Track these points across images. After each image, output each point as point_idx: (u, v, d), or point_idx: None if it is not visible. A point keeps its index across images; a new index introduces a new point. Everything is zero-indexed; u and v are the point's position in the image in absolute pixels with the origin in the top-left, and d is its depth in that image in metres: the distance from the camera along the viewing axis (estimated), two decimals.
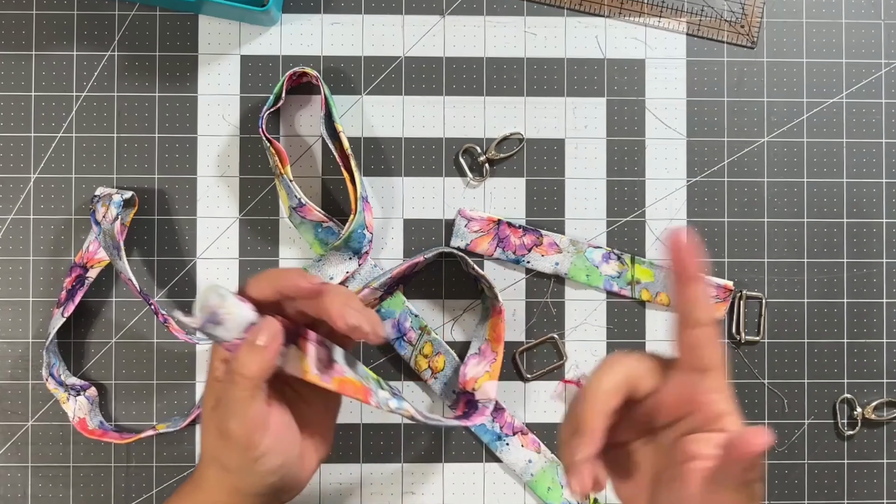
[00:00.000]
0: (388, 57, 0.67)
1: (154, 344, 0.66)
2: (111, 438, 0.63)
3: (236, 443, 0.48)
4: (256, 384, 0.47)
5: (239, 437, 0.48)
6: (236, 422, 0.48)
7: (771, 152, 0.67)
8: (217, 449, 0.50)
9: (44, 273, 0.66)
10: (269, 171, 0.67)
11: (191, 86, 0.67)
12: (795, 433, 0.67)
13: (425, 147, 0.67)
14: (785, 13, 0.68)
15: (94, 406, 0.65)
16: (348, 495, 0.66)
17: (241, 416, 0.48)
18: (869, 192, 0.67)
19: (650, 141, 0.67)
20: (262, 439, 0.48)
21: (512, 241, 0.62)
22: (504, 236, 0.61)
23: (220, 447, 0.49)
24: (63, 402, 0.64)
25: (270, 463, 0.49)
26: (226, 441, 0.48)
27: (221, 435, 0.49)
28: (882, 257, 0.67)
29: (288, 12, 0.67)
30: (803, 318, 0.67)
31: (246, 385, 0.47)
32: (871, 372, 0.67)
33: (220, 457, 0.50)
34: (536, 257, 0.63)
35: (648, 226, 0.67)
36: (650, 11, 0.67)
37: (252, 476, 0.49)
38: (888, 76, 0.68)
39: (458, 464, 0.66)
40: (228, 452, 0.49)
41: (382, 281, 0.62)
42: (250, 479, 0.50)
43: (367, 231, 0.63)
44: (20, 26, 0.66)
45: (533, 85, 0.67)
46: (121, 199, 0.63)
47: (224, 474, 0.50)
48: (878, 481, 0.67)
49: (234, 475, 0.50)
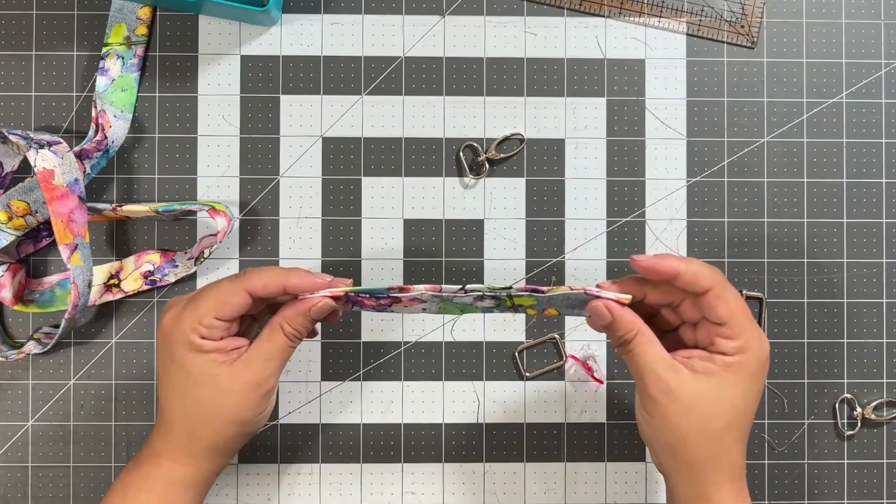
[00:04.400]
0: (388, 57, 0.67)
1: (154, 344, 0.66)
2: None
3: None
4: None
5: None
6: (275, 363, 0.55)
7: (771, 152, 0.67)
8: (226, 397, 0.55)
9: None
10: (269, 171, 0.67)
11: (191, 86, 0.67)
12: (795, 433, 0.67)
13: (425, 147, 0.67)
14: (785, 13, 0.68)
15: (64, 161, 0.61)
16: (348, 495, 0.66)
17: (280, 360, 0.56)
18: (869, 192, 0.67)
19: (650, 141, 0.67)
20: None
21: (366, 304, 0.59)
22: (357, 301, 0.58)
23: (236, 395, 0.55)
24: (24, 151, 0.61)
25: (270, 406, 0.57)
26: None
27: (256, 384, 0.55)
28: (882, 257, 0.67)
29: (288, 12, 0.67)
30: (803, 318, 0.67)
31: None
32: (871, 372, 0.67)
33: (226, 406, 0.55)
34: (400, 308, 0.57)
35: (648, 226, 0.67)
36: (650, 11, 0.67)
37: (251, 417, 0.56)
38: (888, 76, 0.68)
39: (458, 464, 0.66)
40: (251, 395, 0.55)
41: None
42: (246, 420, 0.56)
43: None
44: (20, 26, 0.66)
45: (533, 85, 0.67)
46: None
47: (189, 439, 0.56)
48: (878, 481, 0.67)
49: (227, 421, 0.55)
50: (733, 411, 0.53)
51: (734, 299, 0.53)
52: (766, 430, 0.67)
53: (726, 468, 0.54)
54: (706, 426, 0.53)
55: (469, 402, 0.67)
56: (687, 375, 0.53)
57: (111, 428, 0.66)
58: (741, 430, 0.54)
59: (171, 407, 0.56)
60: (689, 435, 0.53)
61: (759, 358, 0.53)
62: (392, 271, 0.66)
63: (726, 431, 0.53)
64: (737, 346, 0.52)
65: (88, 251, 0.61)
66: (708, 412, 0.53)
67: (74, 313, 0.62)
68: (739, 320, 0.53)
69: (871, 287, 0.67)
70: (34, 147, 0.60)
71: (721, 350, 0.53)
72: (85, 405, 0.66)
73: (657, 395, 0.53)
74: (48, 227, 0.65)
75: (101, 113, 0.65)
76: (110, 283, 0.65)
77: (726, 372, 0.53)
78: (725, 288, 0.53)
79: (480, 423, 0.67)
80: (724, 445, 0.53)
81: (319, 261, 0.66)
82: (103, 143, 0.64)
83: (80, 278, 0.61)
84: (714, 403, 0.53)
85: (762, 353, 0.53)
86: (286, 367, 0.62)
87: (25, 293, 0.65)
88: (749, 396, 0.53)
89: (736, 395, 0.53)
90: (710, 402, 0.53)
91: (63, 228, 0.60)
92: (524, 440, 0.67)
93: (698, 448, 0.53)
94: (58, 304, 0.65)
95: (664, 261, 0.53)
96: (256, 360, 0.54)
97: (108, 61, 0.66)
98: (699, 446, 0.53)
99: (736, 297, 0.53)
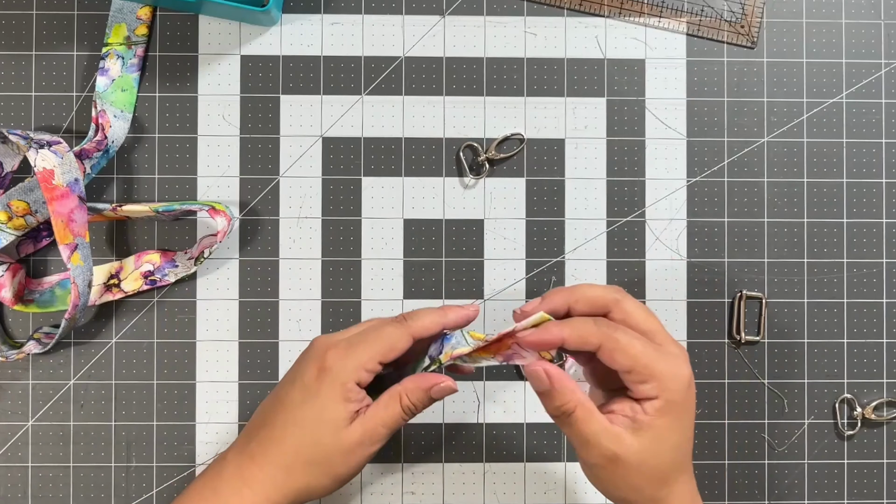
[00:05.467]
0: (388, 57, 0.67)
1: (154, 344, 0.66)
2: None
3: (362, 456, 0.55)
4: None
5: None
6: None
7: (771, 152, 0.67)
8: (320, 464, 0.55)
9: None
10: (269, 171, 0.67)
11: (191, 86, 0.67)
12: (795, 433, 0.67)
13: (425, 147, 0.67)
14: (785, 13, 0.68)
15: (64, 161, 0.61)
16: (348, 495, 0.66)
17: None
18: (869, 192, 0.67)
19: (650, 141, 0.67)
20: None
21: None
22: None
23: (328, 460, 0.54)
24: (24, 151, 0.60)
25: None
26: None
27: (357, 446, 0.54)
28: (882, 257, 0.67)
29: (288, 12, 0.67)
30: (803, 318, 0.67)
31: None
32: (871, 372, 0.67)
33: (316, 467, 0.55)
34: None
35: (648, 226, 0.67)
36: (650, 11, 0.67)
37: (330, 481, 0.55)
38: (888, 76, 0.68)
39: (458, 464, 0.66)
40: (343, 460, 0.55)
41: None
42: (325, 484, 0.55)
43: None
44: (20, 26, 0.66)
45: (533, 85, 0.67)
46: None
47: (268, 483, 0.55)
48: (878, 481, 0.67)
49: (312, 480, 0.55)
50: (677, 450, 0.53)
51: (630, 343, 0.51)
52: (766, 430, 0.67)
53: (678, 498, 0.54)
54: (656, 474, 0.53)
55: (469, 402, 0.67)
56: (629, 440, 0.52)
57: (111, 428, 0.66)
58: (687, 459, 0.54)
59: (282, 438, 0.54)
60: (642, 485, 0.53)
61: (679, 389, 0.52)
62: (392, 271, 0.66)
63: (675, 469, 0.53)
64: (653, 387, 0.51)
65: (88, 251, 0.61)
66: (656, 463, 0.52)
67: (74, 313, 0.62)
68: (644, 362, 0.51)
69: (871, 287, 0.67)
70: (34, 147, 0.60)
71: (643, 395, 0.52)
72: (85, 405, 0.66)
73: (603, 463, 0.52)
74: (48, 227, 0.65)
75: (101, 113, 0.65)
76: (110, 283, 0.65)
77: (660, 418, 0.52)
78: (617, 335, 0.51)
79: (480, 423, 0.67)
80: (673, 481, 0.53)
81: (319, 261, 0.66)
82: (103, 143, 0.64)
83: (80, 278, 0.61)
84: (658, 455, 0.52)
85: (682, 381, 0.52)
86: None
87: (25, 293, 0.65)
88: (684, 429, 0.53)
89: (675, 435, 0.52)
90: (655, 454, 0.52)
91: (63, 228, 0.60)
92: (524, 440, 0.67)
93: (651, 492, 0.53)
94: (58, 304, 0.65)
95: (547, 334, 0.51)
96: (371, 423, 0.54)
97: (108, 61, 0.66)
98: (652, 492, 0.53)
99: (632, 340, 0.51)
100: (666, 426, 0.52)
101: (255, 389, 0.66)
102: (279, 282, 0.66)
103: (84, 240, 0.61)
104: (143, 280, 0.65)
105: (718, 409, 0.67)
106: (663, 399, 0.51)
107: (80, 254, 0.60)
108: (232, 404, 0.66)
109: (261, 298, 0.66)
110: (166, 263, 0.65)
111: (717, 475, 0.67)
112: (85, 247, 0.61)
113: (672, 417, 0.52)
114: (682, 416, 0.52)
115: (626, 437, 0.52)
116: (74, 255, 0.60)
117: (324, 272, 0.66)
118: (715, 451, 0.67)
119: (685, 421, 0.53)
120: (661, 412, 0.51)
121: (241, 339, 0.66)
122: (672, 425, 0.52)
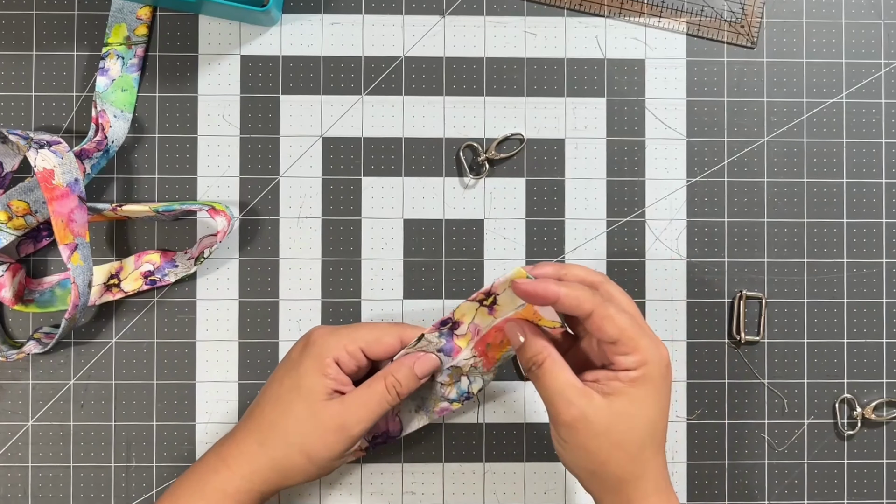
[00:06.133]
0: (388, 57, 0.67)
1: (154, 344, 0.66)
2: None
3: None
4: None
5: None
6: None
7: (771, 152, 0.67)
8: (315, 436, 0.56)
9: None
10: (269, 171, 0.67)
11: (191, 86, 0.67)
12: (795, 433, 0.67)
13: (425, 147, 0.67)
14: (785, 13, 0.68)
15: (64, 161, 0.61)
16: (348, 495, 0.66)
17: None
18: (869, 192, 0.67)
19: (650, 141, 0.67)
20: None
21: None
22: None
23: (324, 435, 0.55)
24: (24, 150, 0.60)
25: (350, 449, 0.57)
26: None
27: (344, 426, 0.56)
28: (882, 257, 0.67)
29: (288, 12, 0.67)
30: (803, 318, 0.67)
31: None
32: (871, 372, 0.67)
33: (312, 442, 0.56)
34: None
35: (648, 226, 0.67)
36: (650, 11, 0.67)
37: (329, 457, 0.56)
38: (888, 76, 0.68)
39: (458, 464, 0.66)
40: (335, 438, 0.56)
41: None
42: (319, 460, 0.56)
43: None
44: (20, 26, 0.66)
45: (533, 85, 0.67)
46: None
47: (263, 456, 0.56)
48: (878, 481, 0.67)
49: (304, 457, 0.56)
50: (648, 425, 0.53)
51: (619, 315, 0.52)
52: (766, 430, 0.67)
53: (651, 482, 0.54)
54: (625, 446, 0.52)
55: (469, 402, 0.67)
56: (599, 400, 0.52)
57: (111, 428, 0.66)
58: (659, 442, 0.54)
59: (260, 413, 0.57)
60: (610, 457, 0.53)
61: (659, 366, 0.53)
62: (392, 271, 0.66)
63: (645, 446, 0.53)
64: (636, 360, 0.52)
65: (88, 251, 0.61)
66: (624, 431, 0.52)
67: (74, 313, 0.62)
68: (630, 334, 0.52)
69: (871, 287, 0.67)
70: (34, 147, 0.60)
71: (623, 367, 0.52)
72: (85, 405, 0.66)
73: (571, 421, 0.52)
74: (48, 227, 0.65)
75: (101, 113, 0.65)
76: (110, 283, 0.65)
77: (634, 388, 0.52)
78: (608, 306, 0.52)
79: (480, 423, 0.67)
80: (645, 460, 0.53)
81: (319, 261, 0.66)
82: (103, 143, 0.64)
83: (80, 278, 0.61)
84: (629, 421, 0.52)
85: (662, 360, 0.53)
86: None
87: (25, 293, 0.65)
88: (660, 406, 0.53)
89: (648, 409, 0.53)
90: (624, 422, 0.52)
91: (63, 228, 0.60)
92: (524, 440, 0.67)
93: (620, 468, 0.53)
94: (58, 304, 0.65)
95: (544, 285, 0.52)
96: (352, 403, 0.55)
97: (108, 61, 0.66)
98: (620, 467, 0.53)
99: (621, 313, 0.52)
100: (640, 397, 0.52)
101: (255, 389, 0.66)
102: (279, 282, 0.66)
103: (84, 240, 0.61)
104: (143, 280, 0.65)
105: (718, 409, 0.67)
106: (641, 371, 0.52)
107: (80, 254, 0.60)
108: (232, 404, 0.66)
109: (261, 298, 0.66)
110: (166, 263, 0.65)
111: (717, 475, 0.67)
112: (85, 247, 0.61)
113: (647, 390, 0.52)
114: (658, 392, 0.53)
115: (595, 397, 0.52)
116: (74, 255, 0.60)
117: (324, 272, 0.66)
118: (715, 451, 0.67)
119: (661, 400, 0.53)
120: (636, 383, 0.52)
121: (241, 339, 0.66)
122: (646, 398, 0.52)
